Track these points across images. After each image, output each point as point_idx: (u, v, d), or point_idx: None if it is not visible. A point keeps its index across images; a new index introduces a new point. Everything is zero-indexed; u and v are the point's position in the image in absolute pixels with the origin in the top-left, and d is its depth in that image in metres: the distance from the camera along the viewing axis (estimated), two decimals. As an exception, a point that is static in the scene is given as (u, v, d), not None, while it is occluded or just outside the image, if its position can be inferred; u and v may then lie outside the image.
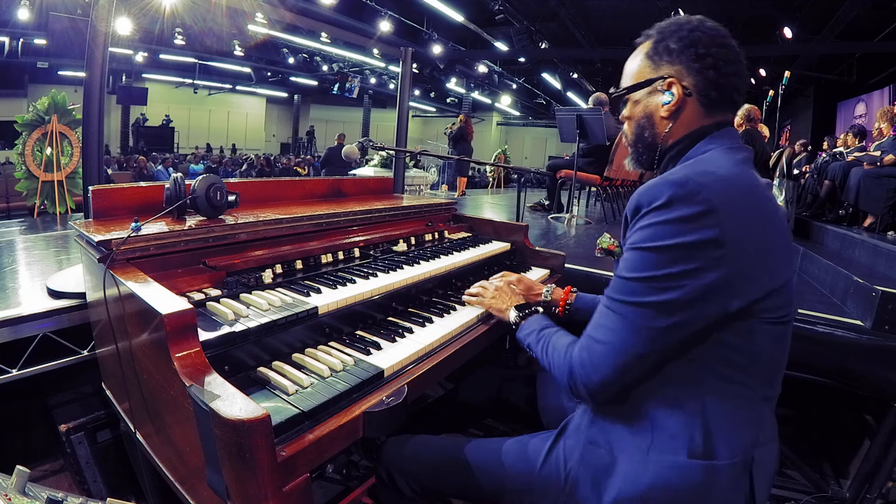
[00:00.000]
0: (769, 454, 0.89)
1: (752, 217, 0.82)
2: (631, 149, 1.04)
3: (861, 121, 10.07)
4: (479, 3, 10.07)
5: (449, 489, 1.10)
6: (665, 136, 0.96)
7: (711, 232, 0.78)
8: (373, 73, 16.77)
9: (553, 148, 21.64)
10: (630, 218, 0.87)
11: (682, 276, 0.79)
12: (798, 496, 1.82)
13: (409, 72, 3.38)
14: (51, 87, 5.46)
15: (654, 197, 0.82)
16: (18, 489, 0.78)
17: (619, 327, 0.84)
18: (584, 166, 4.54)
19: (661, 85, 0.94)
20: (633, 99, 1.00)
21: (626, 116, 1.03)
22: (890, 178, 4.32)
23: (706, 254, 0.78)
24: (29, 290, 1.52)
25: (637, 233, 0.84)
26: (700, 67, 0.91)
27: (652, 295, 0.81)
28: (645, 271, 0.82)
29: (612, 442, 0.91)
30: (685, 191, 0.79)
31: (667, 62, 0.94)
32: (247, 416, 0.67)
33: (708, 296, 0.79)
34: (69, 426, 1.55)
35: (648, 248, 0.81)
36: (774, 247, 0.83)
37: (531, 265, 1.87)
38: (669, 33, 0.94)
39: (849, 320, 1.73)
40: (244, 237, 1.25)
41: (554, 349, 0.99)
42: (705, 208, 0.78)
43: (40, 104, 4.46)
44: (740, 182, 0.84)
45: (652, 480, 0.84)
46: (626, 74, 1.02)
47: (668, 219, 0.80)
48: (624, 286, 0.84)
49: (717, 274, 0.78)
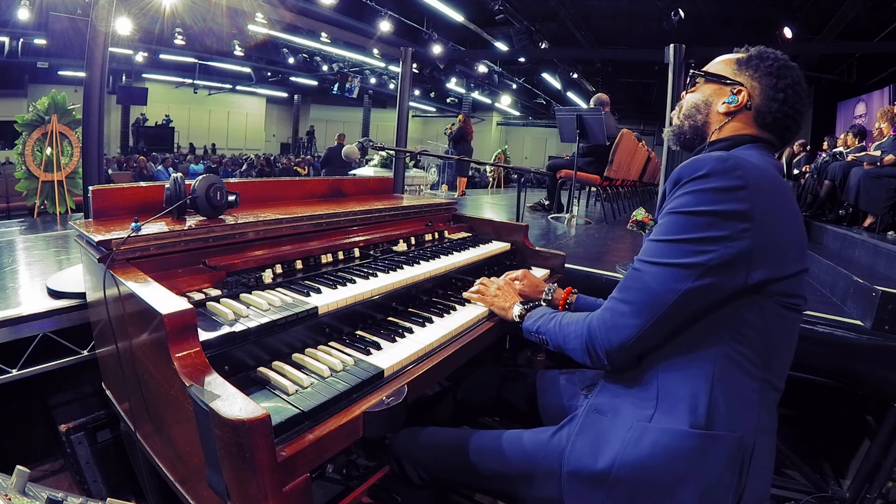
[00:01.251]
0: (769, 444, 0.91)
1: (778, 204, 0.88)
2: (678, 121, 1.12)
3: (861, 121, 10.06)
4: (479, 3, 10.06)
5: (455, 477, 1.12)
6: (713, 128, 1.06)
7: (743, 205, 0.84)
8: (373, 73, 16.76)
9: (553, 148, 21.64)
10: (669, 189, 0.94)
11: (711, 241, 0.85)
12: (798, 496, 1.82)
13: (409, 72, 3.38)
14: (51, 87, 5.47)
15: (697, 168, 0.89)
16: (18, 489, 0.78)
17: (646, 286, 0.90)
18: (584, 166, 4.54)
19: (733, 88, 1.04)
20: (703, 83, 1.10)
21: (691, 91, 1.12)
22: (890, 178, 4.32)
23: (735, 224, 0.84)
24: (29, 290, 1.52)
25: (675, 199, 0.91)
26: (772, 94, 1.01)
27: (682, 257, 0.87)
28: (678, 234, 0.88)
29: (616, 408, 0.95)
30: (725, 165, 0.86)
31: (748, 76, 1.04)
32: (247, 416, 0.67)
33: (732, 263, 0.85)
34: (69, 426, 1.55)
35: (684, 213, 0.88)
36: (795, 235, 0.90)
37: (531, 265, 1.87)
38: (765, 58, 1.03)
39: (849, 320, 1.73)
40: (244, 237, 1.25)
41: (570, 321, 1.04)
42: (740, 183, 0.85)
43: (40, 104, 4.46)
44: (771, 174, 0.92)
45: (650, 446, 0.87)
46: (711, 63, 1.11)
47: (706, 188, 0.87)
48: (656, 248, 0.91)
49: (743, 244, 0.84)
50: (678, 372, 0.90)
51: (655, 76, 13.27)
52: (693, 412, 0.87)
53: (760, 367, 0.89)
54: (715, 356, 0.88)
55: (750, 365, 0.88)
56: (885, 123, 4.81)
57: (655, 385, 0.92)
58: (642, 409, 0.92)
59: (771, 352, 0.90)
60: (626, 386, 0.97)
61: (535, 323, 1.16)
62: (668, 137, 1.15)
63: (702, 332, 0.89)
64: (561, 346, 1.06)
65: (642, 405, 0.92)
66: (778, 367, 0.92)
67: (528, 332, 1.18)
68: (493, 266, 1.76)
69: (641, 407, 0.92)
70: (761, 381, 0.89)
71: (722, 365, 0.88)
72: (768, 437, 0.91)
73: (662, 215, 0.93)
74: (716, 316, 0.88)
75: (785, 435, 1.92)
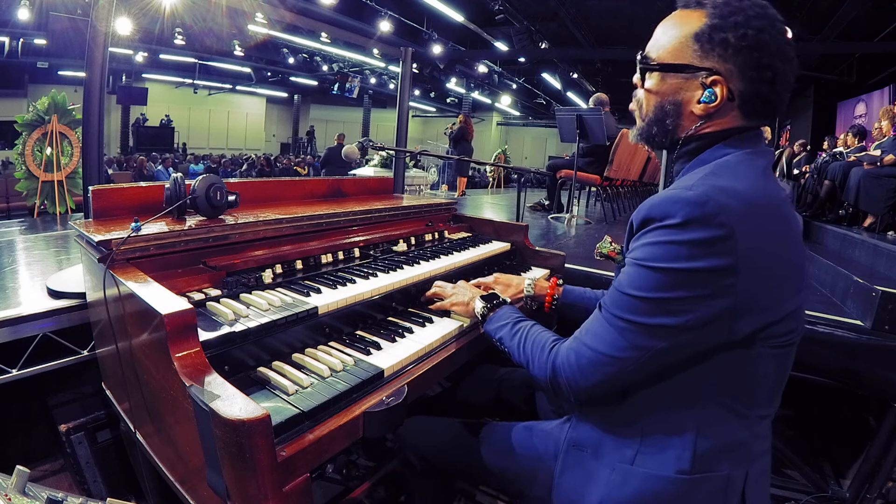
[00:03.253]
0: (763, 467, 0.88)
1: (771, 242, 0.75)
2: (643, 125, 0.92)
3: (861, 121, 10.06)
4: (479, 3, 10.06)
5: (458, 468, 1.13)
6: (688, 131, 0.87)
7: (726, 259, 0.72)
8: (373, 73, 16.77)
9: (553, 148, 21.63)
10: (637, 228, 0.81)
11: (687, 301, 0.74)
12: (798, 496, 1.82)
13: (409, 72, 3.38)
14: (51, 87, 5.46)
15: (668, 213, 0.75)
16: (18, 489, 0.78)
17: (613, 340, 0.80)
18: (584, 166, 4.54)
19: (704, 79, 0.82)
20: (661, 76, 0.87)
21: (648, 89, 0.89)
22: (890, 178, 4.32)
23: (717, 281, 0.73)
24: (29, 290, 1.52)
25: (645, 248, 0.77)
26: (756, 77, 0.79)
27: (653, 316, 0.76)
28: (648, 291, 0.76)
29: (597, 444, 0.90)
30: (703, 212, 0.72)
31: (718, 56, 0.80)
32: (247, 416, 0.67)
33: (712, 323, 0.75)
34: (69, 426, 1.55)
35: (655, 269, 0.75)
36: (790, 271, 0.78)
37: (531, 265, 1.87)
38: (731, 24, 0.79)
39: (849, 320, 1.73)
40: (244, 237, 1.25)
41: (534, 345, 0.94)
42: (723, 233, 0.71)
43: (40, 104, 4.46)
44: (763, 200, 0.77)
45: (636, 491, 0.84)
46: (659, 42, 0.87)
47: (682, 240, 0.73)
48: (624, 302, 0.79)
49: (726, 302, 0.73)
50: (662, 414, 0.83)
51: (655, 76, 13.26)
52: (678, 458, 0.81)
53: (751, 405, 0.82)
54: (702, 400, 0.81)
55: (740, 405, 0.81)
56: (886, 122, 4.82)
57: (639, 425, 0.85)
58: (624, 446, 0.86)
59: (762, 389, 0.82)
60: (606, 420, 0.89)
61: (498, 331, 1.05)
62: (634, 140, 0.96)
63: (687, 376, 0.80)
64: (524, 367, 0.96)
65: (624, 443, 0.86)
66: (771, 396, 0.85)
67: (491, 338, 1.08)
68: (493, 266, 1.76)
69: (623, 444, 0.86)
70: (754, 418, 0.83)
71: (709, 409, 0.81)
72: (763, 459, 0.86)
73: (631, 262, 0.80)
74: (697, 367, 0.79)
75: (785, 435, 1.93)
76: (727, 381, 0.80)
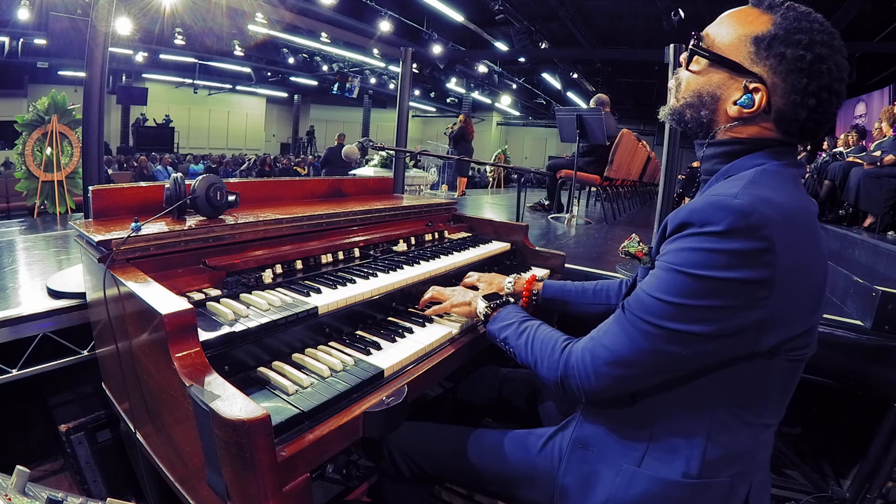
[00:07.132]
0: (765, 477, 0.88)
1: (806, 258, 0.75)
2: (677, 105, 0.90)
3: (861, 121, 10.06)
4: (479, 3, 10.05)
5: (449, 474, 1.11)
6: (722, 129, 0.86)
7: (763, 272, 0.71)
8: (373, 73, 16.77)
9: (553, 148, 21.64)
10: (671, 231, 0.79)
11: (718, 310, 0.73)
12: (798, 496, 1.82)
13: (409, 72, 3.37)
14: (51, 87, 5.46)
15: (710, 220, 0.72)
16: (18, 489, 0.78)
17: (634, 343, 0.79)
18: (584, 166, 4.54)
19: (749, 82, 0.81)
20: (708, 64, 0.85)
21: (692, 71, 0.88)
22: (890, 178, 4.33)
23: (751, 293, 0.72)
24: (29, 290, 1.52)
25: (680, 253, 0.75)
26: (799, 100, 0.78)
27: (680, 323, 0.74)
28: (679, 297, 0.74)
29: (602, 443, 0.90)
30: (748, 223, 0.70)
31: (770, 67, 0.79)
32: (247, 416, 0.67)
33: (739, 334, 0.74)
34: (69, 426, 1.55)
35: (689, 275, 0.73)
36: (817, 287, 0.78)
37: (531, 265, 1.87)
38: (794, 41, 0.77)
39: (849, 320, 1.73)
40: (244, 237, 1.25)
41: (543, 345, 0.93)
42: (765, 246, 0.70)
43: (40, 104, 4.46)
44: (801, 215, 0.76)
45: (642, 493, 0.84)
46: (718, 31, 0.85)
47: (722, 248, 0.71)
48: (651, 304, 0.77)
49: (756, 315, 0.73)
50: (674, 418, 0.84)
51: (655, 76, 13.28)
52: (686, 463, 0.82)
53: (761, 413, 0.83)
54: (714, 407, 0.81)
55: (750, 414, 0.82)
56: (886, 122, 4.82)
57: (648, 427, 0.86)
58: (631, 448, 0.87)
59: (773, 402, 0.84)
60: (614, 421, 0.89)
61: (502, 331, 1.04)
62: (664, 117, 0.94)
63: (703, 383, 0.80)
64: (530, 367, 0.95)
65: (631, 445, 0.87)
66: (779, 407, 0.86)
67: (494, 338, 1.07)
68: (494, 266, 1.76)
69: (630, 447, 0.87)
70: (761, 426, 0.84)
71: (719, 415, 0.81)
72: (766, 468, 0.88)
73: (663, 266, 0.78)
74: (718, 373, 0.79)
75: (785, 435, 1.93)
76: (742, 390, 0.80)
